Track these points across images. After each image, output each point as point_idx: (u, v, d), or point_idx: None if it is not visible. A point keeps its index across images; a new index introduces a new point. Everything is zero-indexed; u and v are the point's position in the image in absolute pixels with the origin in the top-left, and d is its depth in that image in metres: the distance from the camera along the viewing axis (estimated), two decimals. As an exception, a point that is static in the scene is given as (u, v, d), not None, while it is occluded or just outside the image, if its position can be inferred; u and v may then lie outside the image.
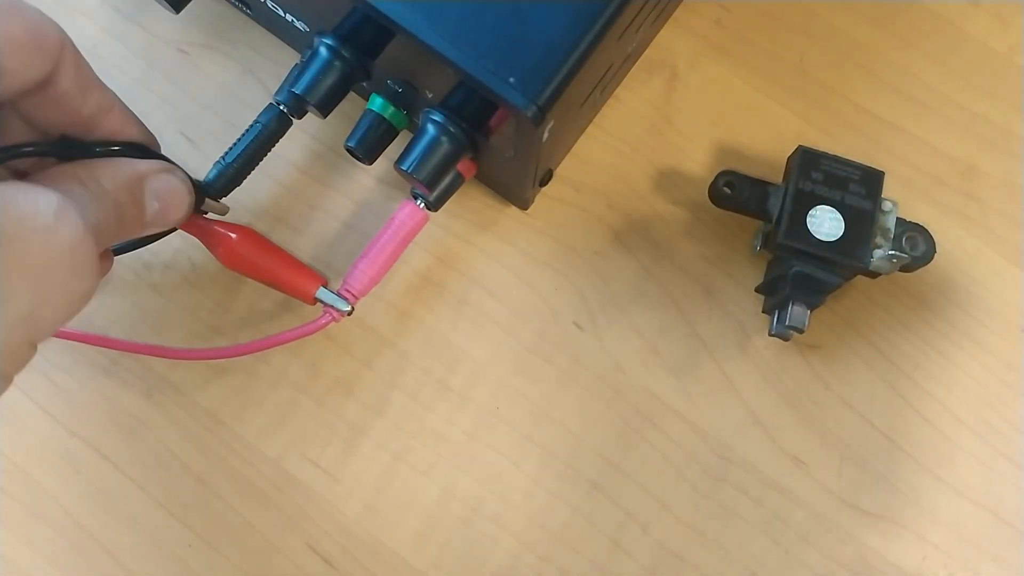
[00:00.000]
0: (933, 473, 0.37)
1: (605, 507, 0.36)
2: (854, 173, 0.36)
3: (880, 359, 0.38)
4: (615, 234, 0.39)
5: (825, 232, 0.35)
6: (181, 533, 0.36)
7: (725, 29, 0.42)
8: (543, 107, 0.29)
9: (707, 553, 0.36)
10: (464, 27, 0.29)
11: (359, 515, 0.36)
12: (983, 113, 0.41)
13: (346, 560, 0.36)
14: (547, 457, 0.37)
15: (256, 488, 0.36)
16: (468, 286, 0.38)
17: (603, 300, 0.38)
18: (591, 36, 0.29)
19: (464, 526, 0.36)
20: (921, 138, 0.41)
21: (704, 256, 0.39)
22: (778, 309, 0.36)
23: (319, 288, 0.35)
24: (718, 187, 0.37)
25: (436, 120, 0.33)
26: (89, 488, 0.36)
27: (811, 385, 0.38)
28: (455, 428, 0.37)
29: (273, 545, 0.36)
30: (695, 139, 0.40)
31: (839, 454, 0.37)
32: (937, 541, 0.36)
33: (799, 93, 0.41)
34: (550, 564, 0.36)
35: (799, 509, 0.37)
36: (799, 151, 0.36)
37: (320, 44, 0.34)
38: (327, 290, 0.36)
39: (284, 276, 0.36)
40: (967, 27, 0.42)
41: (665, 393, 0.37)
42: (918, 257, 0.36)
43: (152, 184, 0.28)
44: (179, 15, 0.38)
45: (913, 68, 0.42)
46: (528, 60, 0.29)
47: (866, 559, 0.36)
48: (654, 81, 0.41)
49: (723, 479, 0.37)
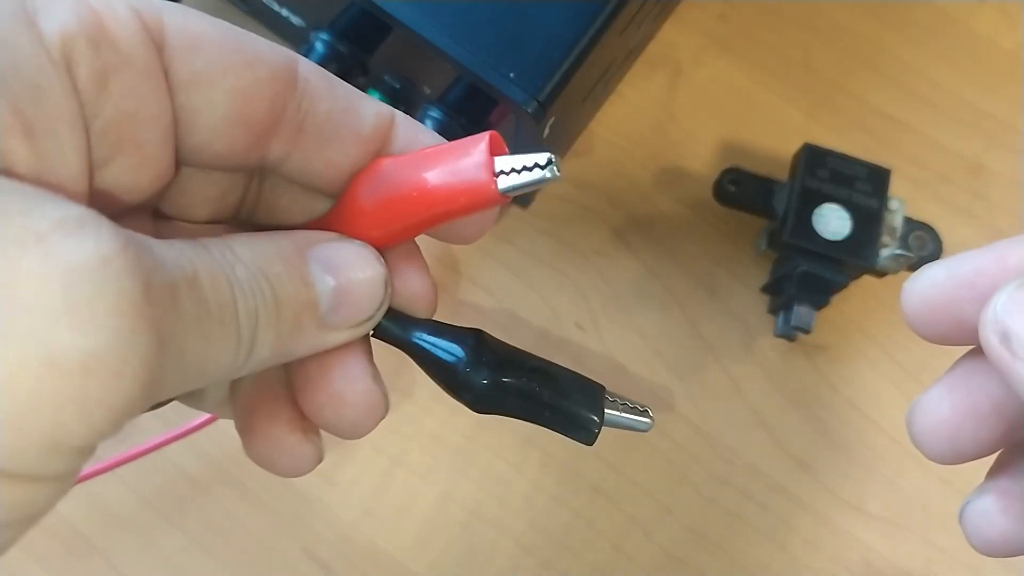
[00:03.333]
0: (940, 476, 0.37)
1: (607, 511, 0.36)
2: (861, 171, 0.35)
3: (887, 360, 0.38)
4: (617, 232, 0.39)
5: (832, 231, 0.34)
6: (176, 537, 0.35)
7: (729, 24, 0.41)
8: (544, 103, 0.28)
9: (711, 558, 0.36)
10: (464, 22, 0.29)
11: (356, 519, 0.36)
12: (990, 111, 0.41)
13: (343, 565, 0.35)
14: (547, 460, 0.36)
15: (252, 492, 0.36)
16: (468, 285, 0.38)
17: (605, 300, 0.38)
18: (593, 31, 0.29)
19: (463, 530, 0.36)
20: (928, 136, 0.40)
21: (708, 255, 0.39)
22: (783, 309, 0.36)
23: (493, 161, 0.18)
24: (722, 185, 0.37)
25: (435, 116, 0.33)
26: (84, 492, 0.36)
27: (817, 387, 0.37)
28: (454, 431, 0.37)
29: (269, 550, 0.35)
30: (699, 136, 0.40)
31: (845, 457, 0.37)
32: (943, 545, 0.36)
33: (804, 90, 0.41)
34: (551, 569, 0.35)
35: (804, 512, 0.36)
36: (805, 148, 0.36)
37: (316, 40, 0.33)
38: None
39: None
40: (973, 24, 0.42)
41: (668, 395, 0.37)
42: (926, 256, 0.35)
43: (321, 253, 0.19)
44: (173, 10, 0.37)
45: (919, 65, 0.41)
46: (529, 55, 0.28)
47: (871, 562, 0.36)
48: (657, 77, 0.41)
49: (727, 482, 0.36)
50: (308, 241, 0.19)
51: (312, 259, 0.18)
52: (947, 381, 0.20)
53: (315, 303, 0.18)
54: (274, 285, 0.17)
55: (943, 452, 0.19)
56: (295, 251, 0.18)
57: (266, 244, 0.18)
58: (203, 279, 0.16)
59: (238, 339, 0.17)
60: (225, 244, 0.17)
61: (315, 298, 0.18)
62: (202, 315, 0.16)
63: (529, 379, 0.20)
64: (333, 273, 0.18)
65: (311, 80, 0.18)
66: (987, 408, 0.19)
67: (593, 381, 0.21)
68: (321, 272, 0.18)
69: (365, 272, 0.19)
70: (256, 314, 0.17)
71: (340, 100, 0.19)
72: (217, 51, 0.17)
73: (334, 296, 0.18)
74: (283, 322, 0.18)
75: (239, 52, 0.17)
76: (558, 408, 0.21)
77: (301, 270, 0.18)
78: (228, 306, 0.16)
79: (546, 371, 0.21)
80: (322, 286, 0.18)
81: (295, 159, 0.19)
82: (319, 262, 0.18)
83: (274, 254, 0.18)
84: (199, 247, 0.17)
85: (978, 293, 0.18)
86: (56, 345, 0.13)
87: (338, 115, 0.19)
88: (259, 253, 0.18)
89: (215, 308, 0.16)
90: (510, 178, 0.18)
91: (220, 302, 0.16)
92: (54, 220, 0.13)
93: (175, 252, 0.16)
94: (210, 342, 0.16)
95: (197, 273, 0.16)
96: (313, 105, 0.18)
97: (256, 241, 0.18)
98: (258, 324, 0.17)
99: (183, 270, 0.15)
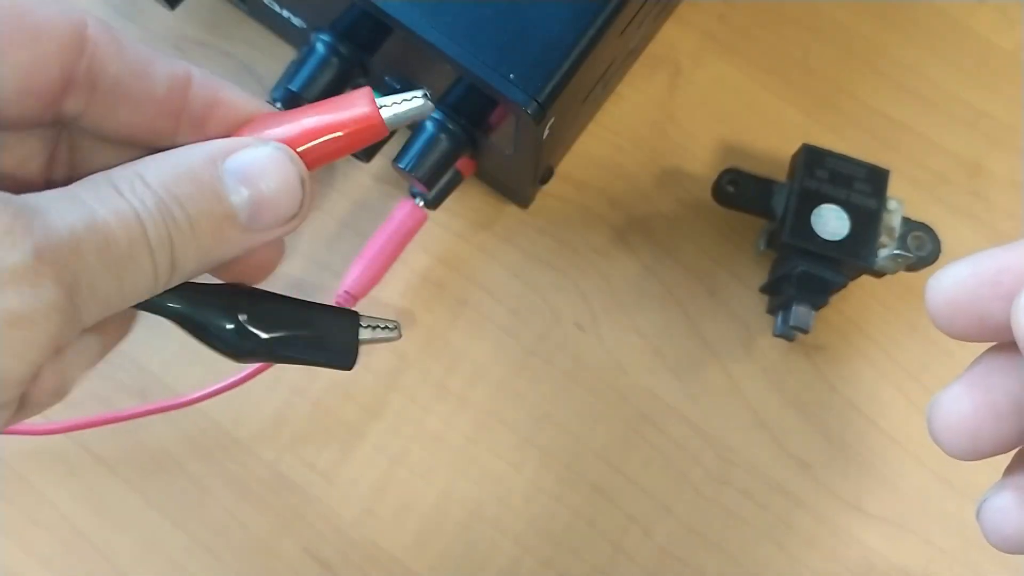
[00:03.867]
0: (939, 476, 0.37)
1: (607, 510, 0.36)
2: (859, 171, 0.35)
3: (886, 360, 0.38)
4: (617, 233, 0.39)
5: (830, 231, 0.34)
6: (177, 537, 0.35)
7: (729, 25, 0.41)
8: (544, 104, 0.28)
9: (710, 557, 0.36)
10: (463, 23, 0.29)
11: (357, 519, 0.36)
12: (989, 111, 0.41)
13: (344, 564, 0.35)
14: (548, 460, 0.36)
15: (252, 491, 0.36)
16: (467, 286, 0.38)
17: (605, 300, 0.38)
18: (592, 32, 0.29)
19: (463, 530, 0.36)
20: (927, 136, 0.40)
21: (708, 255, 0.39)
22: (782, 309, 0.36)
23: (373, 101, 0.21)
24: (722, 185, 0.37)
25: (435, 117, 0.32)
26: (84, 491, 0.36)
27: (816, 386, 0.37)
28: (454, 430, 0.37)
29: (270, 549, 0.35)
30: (698, 136, 0.40)
31: (844, 456, 0.37)
32: (943, 544, 0.36)
33: (804, 90, 0.41)
34: (551, 568, 0.35)
35: (803, 512, 0.36)
36: (804, 149, 0.36)
37: (317, 40, 0.33)
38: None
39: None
40: (973, 24, 0.42)
41: (668, 394, 0.37)
42: (924, 257, 0.35)
43: (234, 163, 0.19)
44: (175, 12, 0.37)
45: (919, 65, 0.41)
46: (528, 56, 0.28)
47: (871, 563, 0.36)
48: (657, 77, 0.41)
49: (727, 482, 0.36)
50: (221, 152, 0.19)
51: (226, 172, 0.19)
52: (967, 378, 0.20)
53: (233, 214, 0.19)
54: (185, 206, 0.18)
55: (963, 449, 0.19)
56: (206, 165, 0.19)
57: (176, 163, 0.19)
58: (106, 222, 0.17)
59: (153, 266, 0.18)
60: (135, 173, 0.18)
61: (232, 210, 0.19)
62: (107, 256, 0.17)
63: (288, 329, 0.22)
64: (247, 183, 0.19)
65: (100, 44, 0.19)
66: (1007, 405, 0.19)
67: (347, 310, 0.23)
68: (235, 183, 0.19)
69: (279, 177, 0.20)
70: (170, 239, 0.18)
71: (130, 63, 0.19)
72: (1, 27, 0.17)
73: (251, 205, 0.19)
74: (201, 237, 0.19)
75: (23, 26, 0.18)
76: (318, 351, 0.23)
77: (214, 185, 0.19)
78: (138, 240, 0.18)
79: (302, 316, 0.22)
80: (237, 197, 0.19)
81: (91, 116, 0.20)
82: (233, 174, 0.19)
83: (184, 174, 0.19)
84: (104, 186, 0.18)
85: (1003, 291, 0.18)
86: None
87: (128, 77, 0.19)
88: (168, 175, 0.18)
89: (124, 245, 0.17)
90: (391, 109, 0.21)
91: (130, 238, 0.17)
92: None
93: (73, 204, 0.17)
94: (123, 275, 0.18)
95: (95, 219, 0.17)
96: (103, 67, 0.19)
97: (167, 161, 0.19)
98: (174, 247, 0.18)
99: (82, 220, 0.17)
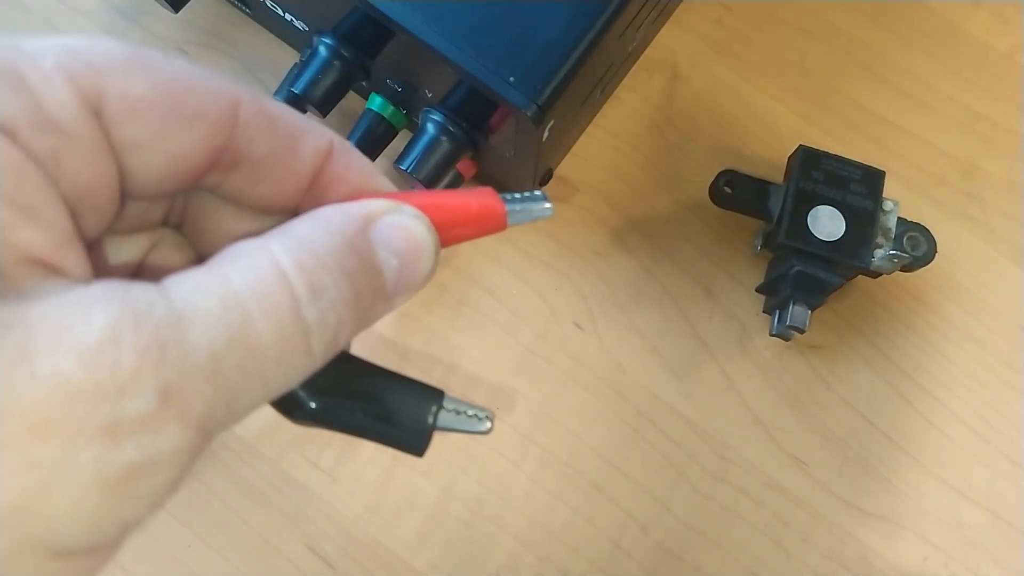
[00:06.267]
0: (934, 473, 0.37)
1: (605, 507, 0.36)
2: (855, 172, 0.36)
3: (881, 359, 0.38)
4: (615, 233, 0.39)
5: (826, 232, 0.35)
6: (180, 534, 0.35)
7: (726, 28, 0.42)
8: (543, 106, 0.29)
9: (707, 554, 0.36)
10: (464, 26, 0.29)
11: (358, 515, 0.36)
12: (984, 112, 0.41)
13: (345, 560, 0.35)
14: (547, 457, 0.37)
15: (255, 488, 0.36)
16: (468, 286, 0.38)
17: (603, 300, 0.38)
18: (591, 35, 0.29)
19: (464, 527, 0.36)
20: (922, 137, 0.41)
21: (705, 256, 0.39)
22: (779, 309, 0.36)
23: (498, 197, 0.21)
24: (719, 186, 0.37)
25: (436, 120, 0.33)
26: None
27: (812, 385, 0.38)
28: (455, 428, 0.37)
29: (272, 546, 0.36)
30: (696, 138, 0.40)
31: (840, 454, 0.37)
32: (938, 541, 0.36)
33: (800, 92, 0.41)
34: (550, 565, 0.36)
35: (800, 510, 0.36)
36: (800, 150, 0.36)
37: (319, 43, 0.33)
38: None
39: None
40: (968, 27, 0.42)
41: (666, 393, 0.37)
42: (919, 257, 0.35)
43: (380, 232, 0.18)
44: (178, 15, 0.38)
45: (914, 67, 0.41)
46: (528, 59, 0.29)
47: (867, 559, 0.36)
48: (655, 80, 0.41)
49: (724, 479, 0.37)
50: (367, 218, 0.18)
51: (376, 243, 0.18)
52: None
53: (383, 286, 0.18)
54: (354, 281, 0.17)
55: None
56: (360, 236, 0.18)
57: (330, 231, 0.17)
58: (254, 323, 0.15)
59: (309, 357, 0.16)
60: (298, 242, 0.16)
61: (383, 282, 0.18)
62: (249, 370, 0.15)
63: (354, 401, 0.20)
64: (397, 255, 0.18)
65: (251, 124, 0.18)
66: None
67: (431, 388, 0.22)
68: (387, 255, 0.18)
69: (421, 245, 0.19)
70: (337, 322, 0.17)
71: (280, 140, 0.18)
72: (156, 114, 0.17)
73: (397, 275, 0.18)
74: (361, 311, 0.17)
75: (178, 114, 0.17)
76: (385, 428, 0.21)
77: (370, 256, 0.18)
78: (292, 339, 0.16)
79: (374, 392, 0.21)
80: (388, 269, 0.18)
81: (228, 188, 0.19)
82: (382, 245, 0.18)
83: (342, 245, 0.17)
84: (263, 262, 0.16)
85: None
86: (104, 464, 0.14)
87: (276, 156, 0.18)
88: (333, 248, 0.17)
89: (272, 350, 0.15)
90: (515, 205, 0.20)
91: (281, 338, 0.16)
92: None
93: (222, 306, 0.15)
94: (266, 380, 0.16)
95: (246, 323, 0.15)
96: (251, 147, 0.18)
97: (320, 229, 0.17)
98: (340, 329, 0.17)
99: (228, 329, 0.15)
